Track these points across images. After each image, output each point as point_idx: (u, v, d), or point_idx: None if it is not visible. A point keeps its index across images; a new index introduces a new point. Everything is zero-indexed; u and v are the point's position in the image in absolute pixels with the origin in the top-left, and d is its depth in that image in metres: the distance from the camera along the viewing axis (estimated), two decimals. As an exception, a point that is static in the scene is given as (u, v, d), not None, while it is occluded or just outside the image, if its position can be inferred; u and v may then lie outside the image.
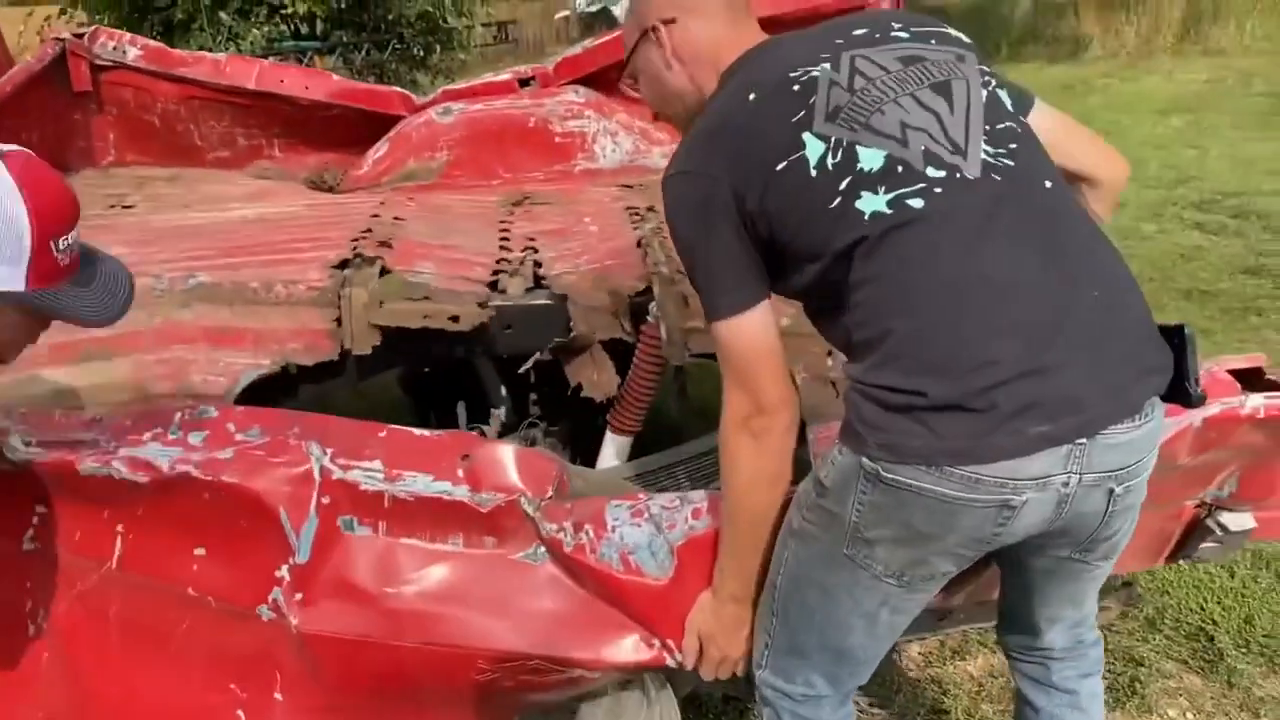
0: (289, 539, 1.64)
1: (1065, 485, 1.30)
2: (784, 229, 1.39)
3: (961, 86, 1.41)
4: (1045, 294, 1.30)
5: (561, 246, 2.55)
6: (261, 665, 1.73)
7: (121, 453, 1.66)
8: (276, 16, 10.07)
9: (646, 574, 1.62)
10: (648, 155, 3.33)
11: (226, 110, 3.38)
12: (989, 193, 1.34)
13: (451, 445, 1.72)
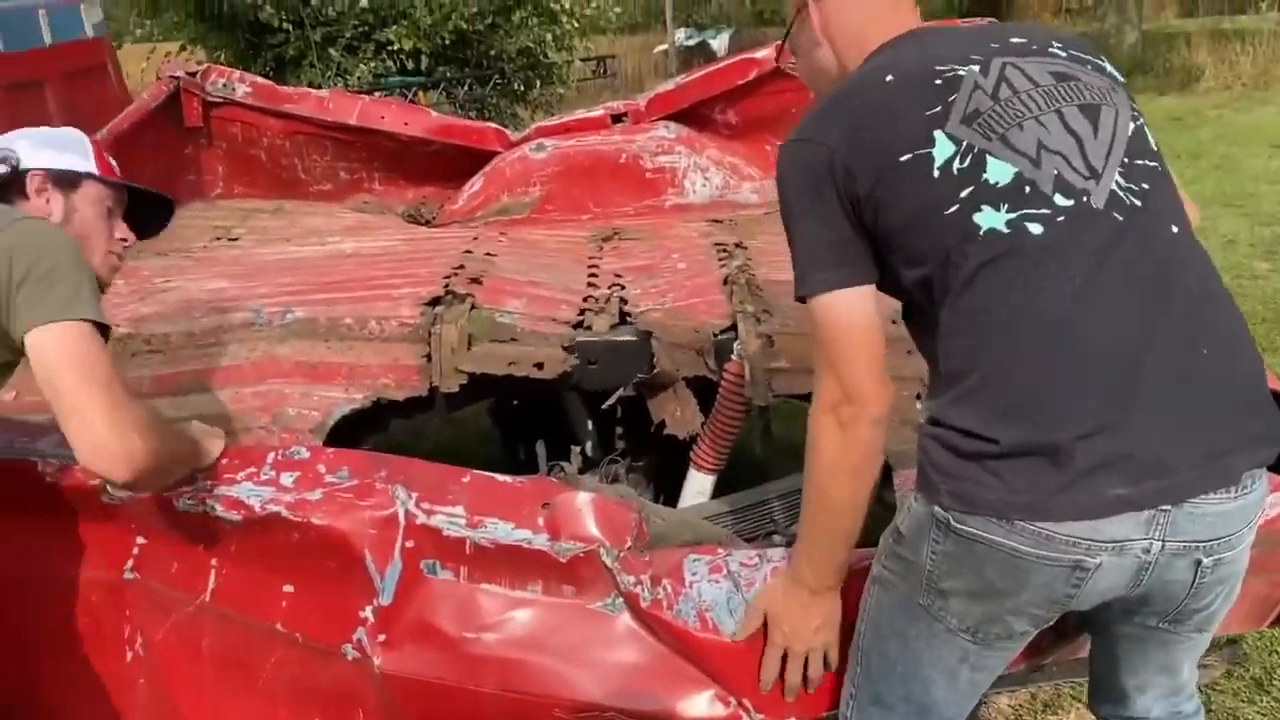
0: (373, 581, 1.66)
1: (1146, 552, 1.24)
2: (891, 223, 1.33)
3: (1110, 114, 1.36)
4: (1143, 348, 1.24)
5: (647, 283, 2.56)
6: (345, 703, 1.75)
7: (217, 491, 1.71)
8: (383, 53, 10.40)
9: (724, 633, 1.60)
10: (737, 190, 3.35)
11: (329, 145, 3.49)
12: (1109, 229, 1.28)
13: (532, 493, 1.73)
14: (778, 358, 2.15)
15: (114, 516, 1.82)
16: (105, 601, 1.87)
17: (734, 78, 3.35)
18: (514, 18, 10.77)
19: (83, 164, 1.73)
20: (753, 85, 3.35)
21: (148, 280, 2.59)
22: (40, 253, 1.50)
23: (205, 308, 2.37)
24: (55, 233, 1.60)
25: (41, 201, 1.68)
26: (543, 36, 11.13)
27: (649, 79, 20.60)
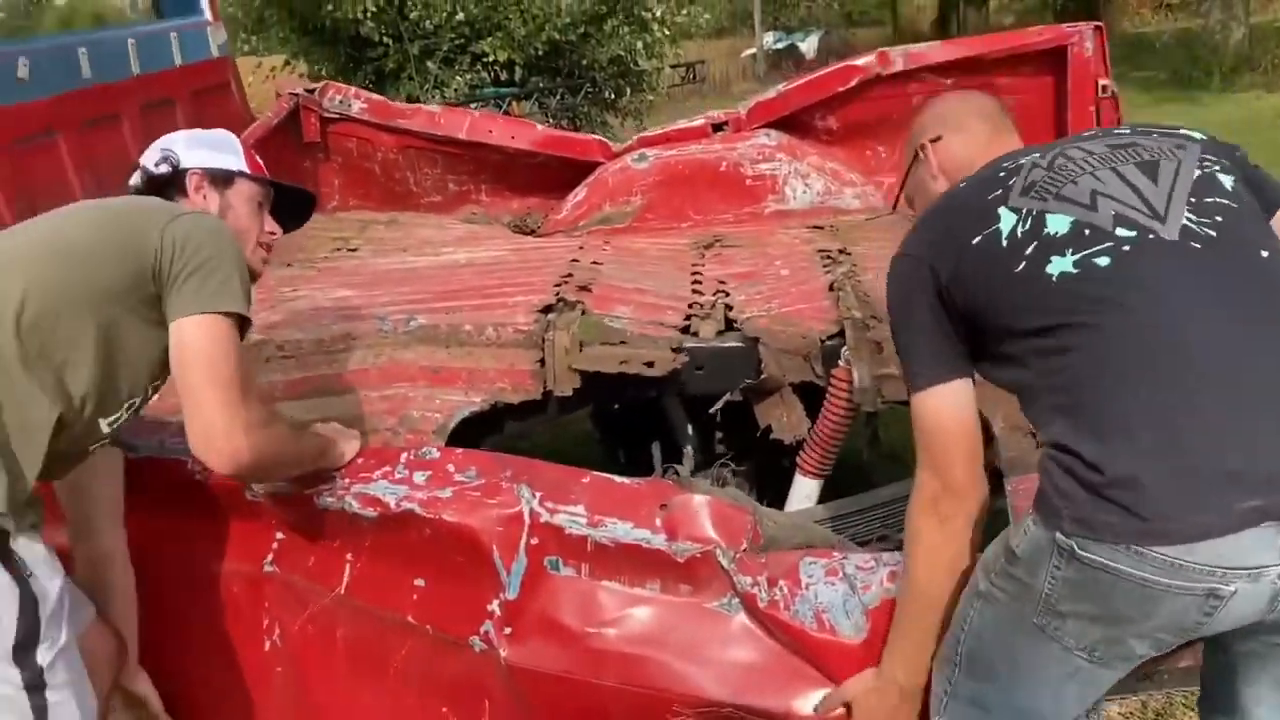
0: (500, 576, 1.74)
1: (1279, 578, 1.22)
2: (976, 299, 1.41)
3: (1171, 165, 1.40)
4: (1248, 362, 1.25)
5: (752, 290, 2.61)
6: (472, 693, 1.83)
7: (354, 489, 1.81)
8: (478, 64, 10.63)
9: (840, 634, 1.63)
10: (839, 196, 3.38)
11: (440, 158, 3.62)
12: (1187, 255, 1.31)
13: (650, 494, 1.79)
14: (886, 363, 2.17)
15: (255, 513, 1.93)
16: (245, 593, 1.98)
17: (835, 84, 3.37)
18: (606, 27, 10.88)
19: (235, 163, 1.87)
20: (854, 92, 3.36)
21: (275, 289, 2.72)
22: (202, 245, 1.62)
23: (333, 315, 2.49)
24: (220, 227, 1.71)
25: (199, 198, 1.81)
26: (633, 44, 11.23)
27: (737, 83, 20.61)
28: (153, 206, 1.71)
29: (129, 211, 1.69)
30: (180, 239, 1.60)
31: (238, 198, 1.85)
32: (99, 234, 1.63)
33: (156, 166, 1.83)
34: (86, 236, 1.62)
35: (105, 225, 1.65)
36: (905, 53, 3.33)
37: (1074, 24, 3.31)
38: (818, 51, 22.77)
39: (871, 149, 3.47)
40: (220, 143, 1.91)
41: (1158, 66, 13.81)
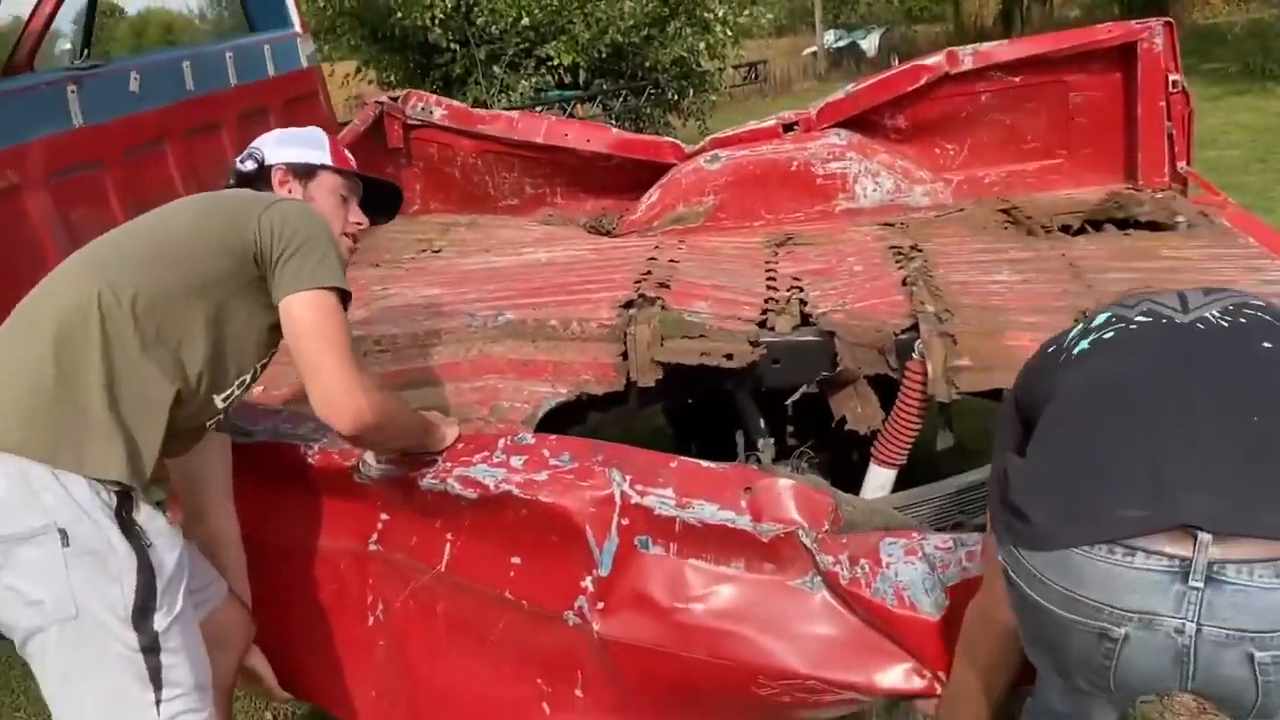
0: (593, 553, 1.84)
1: (1179, 633, 1.18)
2: (1034, 407, 1.48)
3: (1230, 291, 1.49)
4: (1203, 408, 1.27)
5: (826, 286, 2.68)
6: (566, 664, 1.93)
7: (455, 472, 1.92)
8: (543, 68, 10.79)
9: (921, 610, 1.70)
10: (909, 194, 3.42)
11: (517, 162, 3.73)
12: (1188, 332, 1.38)
13: (735, 478, 1.87)
14: (959, 356, 2.23)
15: (362, 494, 2.05)
16: (351, 570, 2.11)
17: (904, 84, 3.41)
18: (668, 28, 10.98)
19: (319, 156, 1.97)
20: (922, 91, 3.40)
21: (367, 288, 2.86)
22: (298, 228, 1.72)
23: (423, 312, 2.62)
24: (310, 210, 1.82)
25: (284, 191, 1.92)
26: (696, 45, 11.31)
27: (798, 81, 20.57)
28: (247, 198, 1.83)
29: (226, 205, 1.81)
30: (277, 224, 1.71)
31: (320, 190, 1.95)
32: (201, 228, 1.75)
33: (244, 164, 1.96)
34: (189, 231, 1.75)
35: (206, 219, 1.77)
36: (973, 51, 3.35)
37: (1144, 20, 3.32)
38: (879, 49, 22.64)
39: (940, 146, 3.50)
40: (306, 138, 2.01)
41: (1229, 59, 13.50)
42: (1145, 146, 3.35)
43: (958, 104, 3.42)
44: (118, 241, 1.75)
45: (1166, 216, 3.03)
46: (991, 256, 2.79)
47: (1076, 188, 3.41)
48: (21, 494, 1.50)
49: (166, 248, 1.71)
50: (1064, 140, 3.45)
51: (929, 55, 3.51)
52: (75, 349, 1.56)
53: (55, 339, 1.56)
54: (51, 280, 1.71)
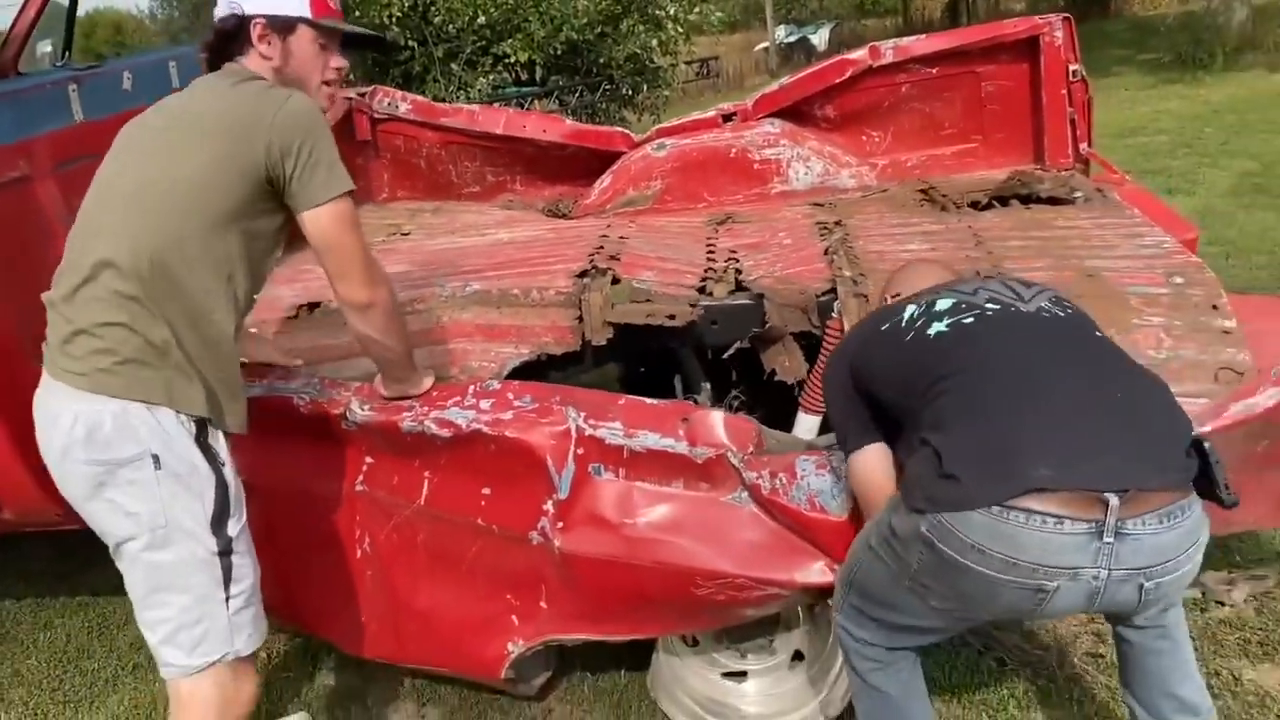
0: (553, 480, 2.15)
1: (1095, 579, 1.54)
2: (874, 369, 1.87)
3: (1041, 287, 1.87)
4: (1064, 392, 1.62)
5: (759, 257, 2.98)
6: (531, 580, 2.25)
7: (431, 414, 2.22)
8: (500, 65, 11.02)
9: (830, 513, 2.04)
10: (836, 177, 3.71)
11: (478, 152, 3.98)
12: (1038, 320, 1.74)
13: (673, 411, 2.20)
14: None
15: (350, 441, 2.34)
16: (341, 510, 2.40)
17: (831, 76, 3.67)
18: (622, 26, 11.27)
19: (298, 7, 1.98)
20: (848, 83, 3.67)
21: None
22: (303, 144, 1.86)
23: (397, 285, 2.88)
24: (306, 115, 1.90)
25: (263, 46, 1.98)
26: (649, 42, 11.60)
27: (750, 77, 20.90)
28: (246, 116, 1.88)
29: (229, 128, 1.88)
30: (285, 143, 1.86)
31: (299, 43, 2.00)
32: (214, 164, 1.87)
33: (224, 21, 1.98)
34: (206, 169, 1.87)
35: (214, 152, 1.87)
36: (894, 46, 3.63)
37: (1046, 16, 3.61)
38: (829, 44, 23.05)
39: (866, 134, 3.78)
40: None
41: (1163, 49, 13.99)
42: (1050, 131, 3.62)
43: (881, 94, 3.69)
44: (141, 197, 1.88)
45: (1065, 192, 3.31)
46: (906, 230, 3.09)
47: (989, 169, 3.68)
48: (122, 428, 1.83)
49: (192, 194, 1.87)
50: (978, 126, 3.74)
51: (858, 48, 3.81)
52: (145, 312, 1.85)
53: (126, 309, 1.84)
54: (92, 243, 1.88)
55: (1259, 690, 2.44)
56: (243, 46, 2.01)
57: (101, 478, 1.85)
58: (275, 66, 2.01)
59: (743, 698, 2.54)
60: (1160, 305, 2.39)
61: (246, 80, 1.97)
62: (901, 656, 1.93)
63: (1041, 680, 2.53)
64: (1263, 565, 2.84)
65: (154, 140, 1.96)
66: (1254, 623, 2.67)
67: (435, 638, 2.40)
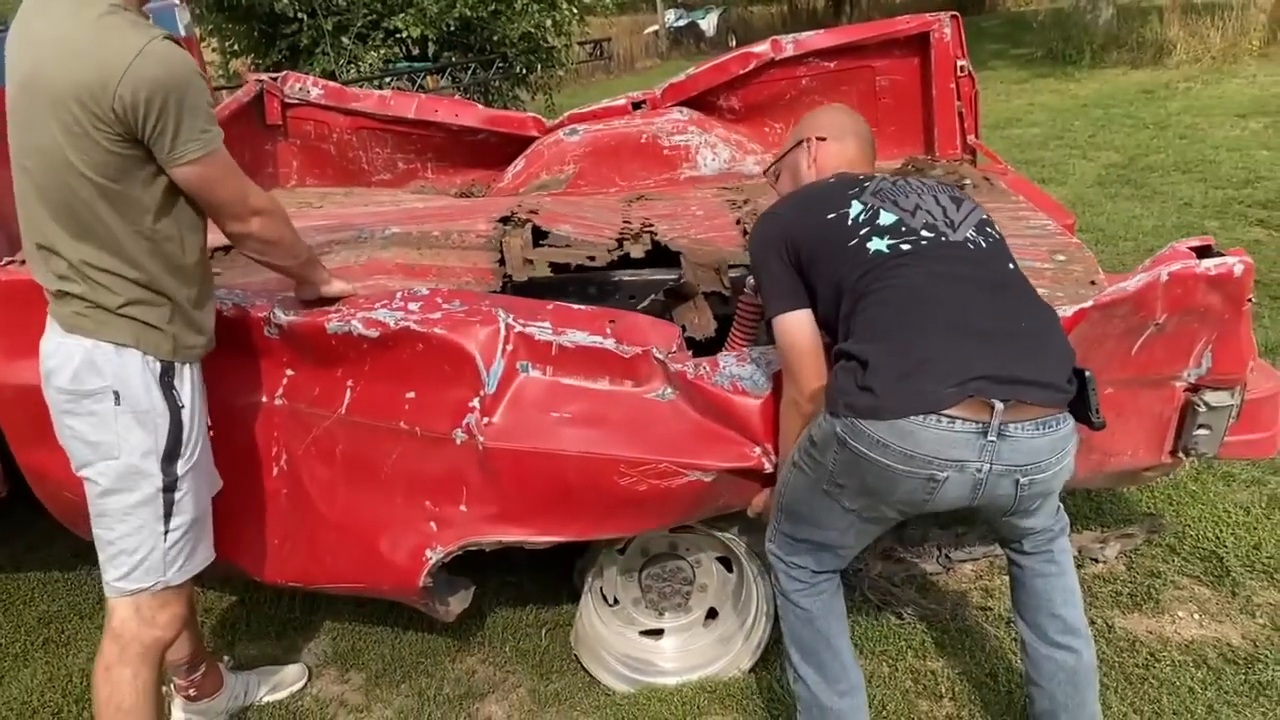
0: (481, 376, 2.21)
1: (979, 471, 1.79)
2: (816, 257, 2.00)
3: (969, 204, 2.05)
4: (975, 314, 1.84)
5: (673, 224, 3.12)
6: (451, 484, 2.29)
7: (359, 315, 2.25)
8: (391, 40, 10.88)
9: (750, 393, 2.19)
10: (742, 163, 3.87)
11: (389, 138, 3.98)
12: (962, 250, 1.94)
13: (600, 315, 2.31)
14: None
15: (271, 352, 2.33)
16: (259, 425, 2.40)
17: (735, 68, 3.82)
18: (516, 4, 11.25)
19: None
20: (751, 75, 3.82)
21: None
22: (169, 90, 1.79)
23: (315, 231, 2.89)
24: (174, 61, 1.81)
25: None
26: (543, 22, 11.60)
27: (640, 59, 21.05)
28: (88, 86, 1.78)
29: (78, 101, 1.80)
30: (133, 102, 1.78)
31: None
32: (88, 164, 1.84)
33: None
34: (92, 172, 1.85)
35: (82, 154, 1.84)
36: (794, 40, 3.80)
37: (935, 14, 3.82)
38: (717, 29, 23.34)
39: (769, 125, 3.94)
40: None
41: (1036, 45, 14.64)
42: (939, 122, 3.84)
43: (782, 87, 3.86)
44: (40, 184, 1.89)
45: (954, 180, 3.51)
46: (811, 208, 3.28)
47: (883, 159, 3.88)
48: (89, 364, 1.99)
49: (68, 170, 1.85)
50: (872, 118, 3.88)
51: (763, 38, 3.95)
52: (99, 280, 1.95)
53: (82, 280, 1.94)
54: (32, 224, 1.96)
55: (1130, 636, 2.71)
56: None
57: (66, 405, 2.02)
58: None
59: (660, 654, 2.71)
60: (1044, 278, 2.59)
61: (106, 14, 1.85)
62: (826, 579, 2.14)
63: (935, 632, 2.77)
64: (1131, 525, 3.14)
65: (24, 109, 1.90)
66: (1124, 577, 2.95)
67: (351, 552, 2.40)
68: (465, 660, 2.84)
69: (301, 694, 2.77)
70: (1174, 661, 2.60)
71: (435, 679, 2.78)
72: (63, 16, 1.86)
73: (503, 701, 2.70)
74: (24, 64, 1.90)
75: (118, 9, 1.86)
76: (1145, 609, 2.80)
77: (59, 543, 2.61)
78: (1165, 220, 6.23)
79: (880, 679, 2.62)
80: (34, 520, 3.00)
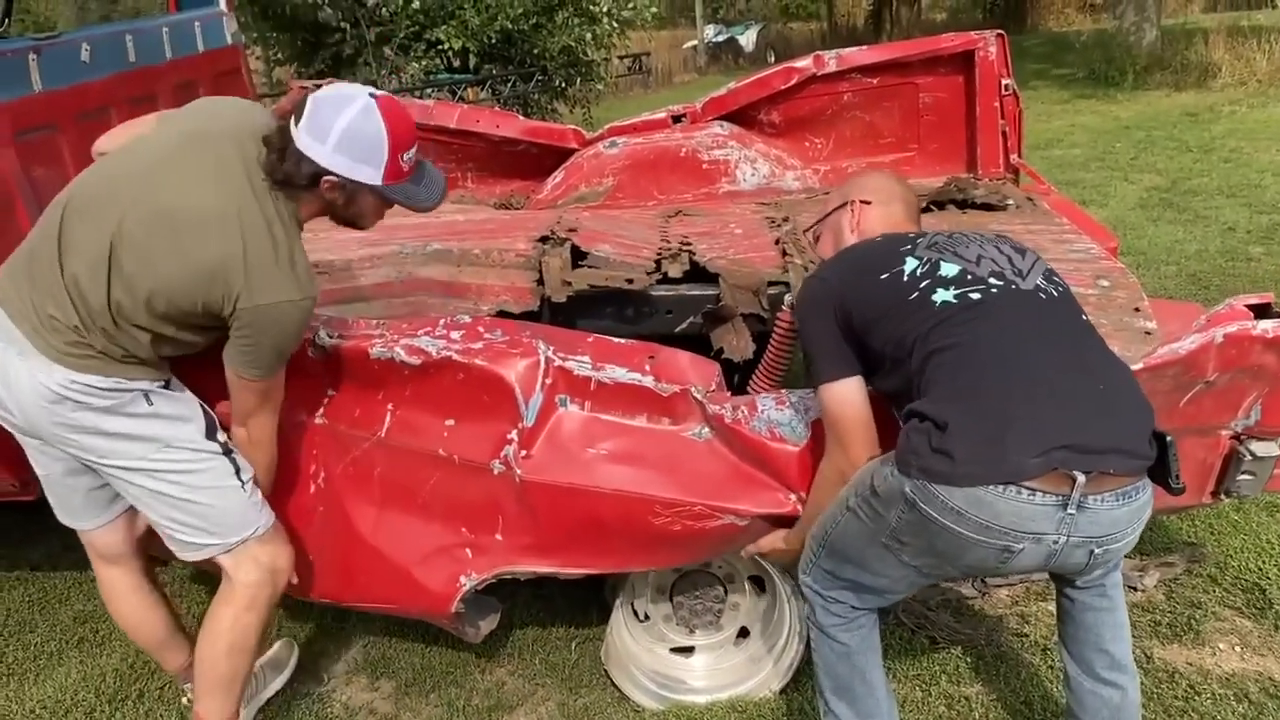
0: (519, 408, 2.21)
1: (1055, 543, 1.74)
2: (872, 319, 1.93)
3: (1033, 254, 2.00)
4: (1055, 373, 1.77)
5: (711, 242, 3.11)
6: (489, 511, 2.29)
7: (401, 342, 2.26)
8: (433, 51, 10.98)
9: (788, 442, 2.16)
10: (782, 178, 3.87)
11: (431, 148, 3.94)
12: (1035, 301, 1.88)
13: (640, 350, 2.30)
14: None
15: (314, 372, 2.35)
16: (301, 443, 2.41)
17: (777, 83, 3.82)
18: (556, 18, 11.31)
19: (370, 176, 2.02)
20: (793, 90, 3.83)
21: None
22: (267, 329, 2.03)
23: (357, 244, 2.90)
24: (293, 319, 2.05)
25: (329, 195, 2.06)
26: (583, 36, 11.67)
27: (679, 74, 21.08)
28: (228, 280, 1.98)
29: (207, 274, 1.99)
30: (245, 321, 2.01)
31: (364, 199, 2.10)
32: (187, 296, 2.02)
33: (300, 165, 1.99)
34: (180, 295, 2.02)
35: (192, 286, 2.01)
36: (836, 56, 3.79)
37: (981, 31, 3.81)
38: (756, 45, 23.37)
39: (809, 140, 3.94)
40: (367, 149, 2.00)
41: (1077, 65, 14.52)
42: (983, 141, 3.82)
43: (824, 102, 3.86)
44: (125, 271, 2.01)
45: (998, 199, 3.50)
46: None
47: (926, 177, 3.86)
48: (110, 384, 2.08)
49: (162, 298, 2.02)
50: (915, 135, 3.92)
51: (802, 54, 3.95)
52: (120, 345, 2.08)
53: (106, 337, 2.06)
54: (78, 282, 2.03)
55: (1169, 668, 2.65)
56: (309, 187, 2.05)
57: (91, 420, 2.09)
58: (333, 208, 2.14)
59: (691, 671, 2.68)
60: (1089, 304, 2.54)
61: (278, 233, 2.03)
62: (865, 615, 2.08)
63: (970, 657, 2.72)
64: (1172, 553, 3.07)
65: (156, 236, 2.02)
66: (1164, 606, 2.89)
67: (386, 573, 2.41)
68: (495, 672, 2.83)
69: (330, 700, 2.77)
70: (1214, 695, 2.54)
71: (465, 690, 2.77)
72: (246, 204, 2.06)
73: (531, 714, 2.68)
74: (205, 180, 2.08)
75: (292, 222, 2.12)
76: (1185, 640, 2.74)
77: (95, 542, 2.60)
78: (1209, 245, 6.13)
79: (913, 704, 2.58)
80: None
